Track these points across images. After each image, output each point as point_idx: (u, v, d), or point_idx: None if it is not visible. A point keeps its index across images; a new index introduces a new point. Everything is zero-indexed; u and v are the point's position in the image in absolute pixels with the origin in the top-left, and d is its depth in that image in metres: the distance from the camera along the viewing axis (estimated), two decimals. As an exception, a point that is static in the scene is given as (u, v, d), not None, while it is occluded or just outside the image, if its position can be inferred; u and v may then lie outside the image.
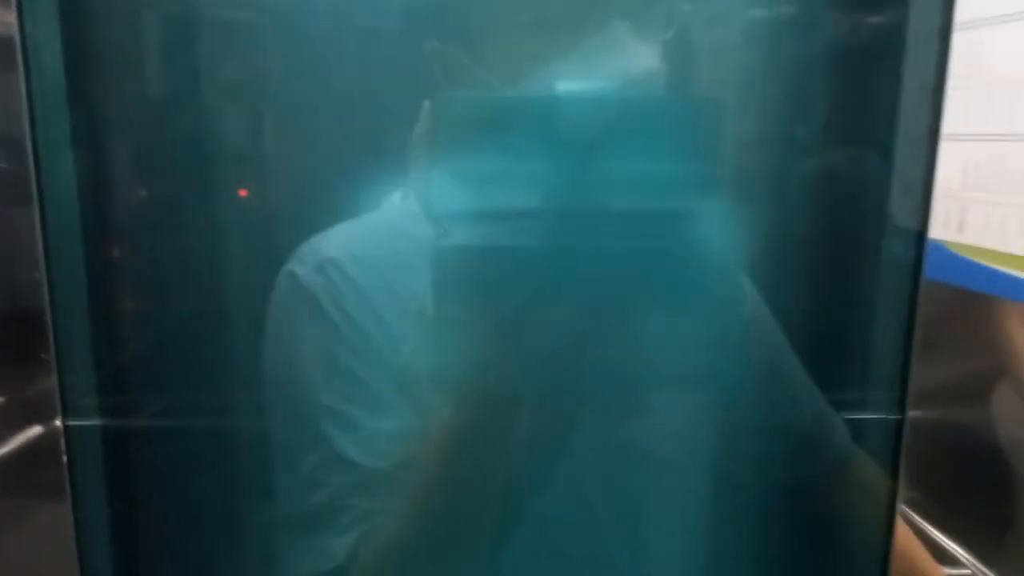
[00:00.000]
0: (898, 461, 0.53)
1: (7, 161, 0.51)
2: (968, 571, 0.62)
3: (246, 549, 0.59)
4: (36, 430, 0.53)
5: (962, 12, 0.57)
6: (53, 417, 0.53)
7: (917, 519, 0.64)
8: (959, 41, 0.58)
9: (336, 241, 0.56)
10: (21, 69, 0.49)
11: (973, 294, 0.58)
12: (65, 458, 0.53)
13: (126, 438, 0.57)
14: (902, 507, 0.58)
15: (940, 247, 0.60)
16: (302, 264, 0.55)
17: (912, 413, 0.55)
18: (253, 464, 0.58)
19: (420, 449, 0.54)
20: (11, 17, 0.49)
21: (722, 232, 0.54)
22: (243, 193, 0.56)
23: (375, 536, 0.54)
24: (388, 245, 0.57)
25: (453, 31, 0.53)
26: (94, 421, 0.55)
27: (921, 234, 0.50)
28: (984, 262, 0.56)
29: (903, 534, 0.62)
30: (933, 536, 0.63)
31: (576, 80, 0.52)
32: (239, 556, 0.59)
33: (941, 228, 0.59)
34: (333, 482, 0.54)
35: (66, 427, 0.53)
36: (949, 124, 0.58)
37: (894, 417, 0.53)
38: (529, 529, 0.56)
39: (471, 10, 0.54)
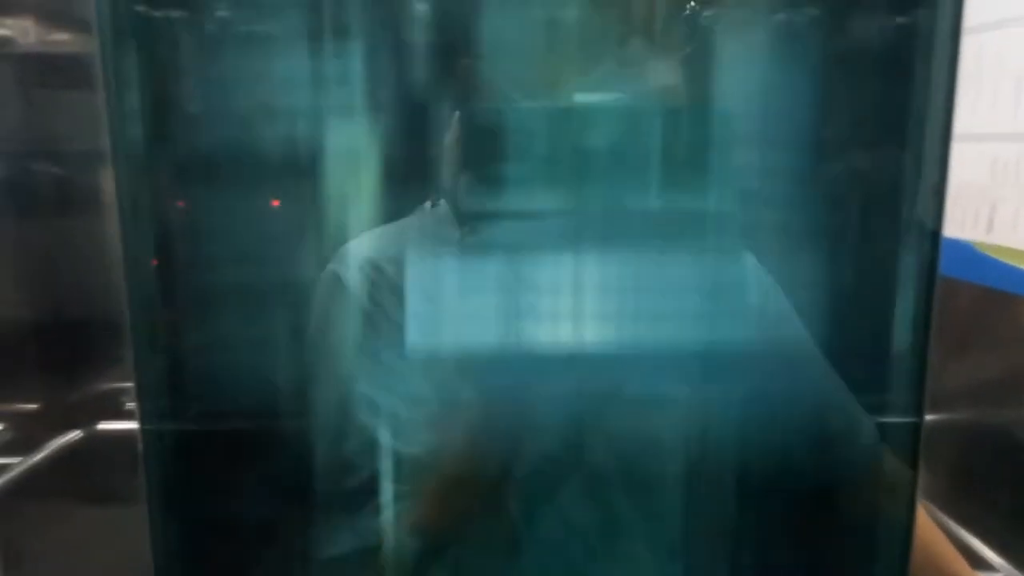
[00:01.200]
0: (916, 463, 0.53)
1: (80, 172, 0.56)
2: (1001, 575, 0.61)
3: (292, 531, 0.63)
4: (76, 434, 0.57)
5: (991, 11, 0.56)
6: (93, 422, 0.57)
7: (951, 523, 0.63)
8: (987, 40, 0.57)
9: (374, 243, 0.60)
10: (102, 88, 0.54)
11: (1005, 294, 0.57)
12: (142, 461, 0.57)
13: (187, 440, 0.62)
14: (935, 510, 0.58)
15: (969, 247, 0.59)
16: (343, 264, 0.60)
17: (946, 415, 0.55)
18: (297, 455, 0.62)
19: (451, 437, 0.57)
20: (93, 44, 0.54)
21: (743, 232, 0.55)
22: (275, 203, 0.61)
23: (407, 516, 0.57)
24: (420, 247, 0.60)
25: (481, 48, 0.56)
26: (165, 425, 0.60)
27: (936, 235, 0.50)
28: (1012, 262, 0.55)
29: (935, 537, 0.62)
30: (967, 540, 0.62)
31: (597, 91, 0.54)
32: (285, 537, 0.63)
33: (970, 228, 0.58)
34: (370, 466, 0.58)
35: (143, 431, 0.57)
36: (977, 123, 0.57)
37: (910, 420, 0.53)
38: (554, 515, 0.59)
39: (497, 28, 0.57)
